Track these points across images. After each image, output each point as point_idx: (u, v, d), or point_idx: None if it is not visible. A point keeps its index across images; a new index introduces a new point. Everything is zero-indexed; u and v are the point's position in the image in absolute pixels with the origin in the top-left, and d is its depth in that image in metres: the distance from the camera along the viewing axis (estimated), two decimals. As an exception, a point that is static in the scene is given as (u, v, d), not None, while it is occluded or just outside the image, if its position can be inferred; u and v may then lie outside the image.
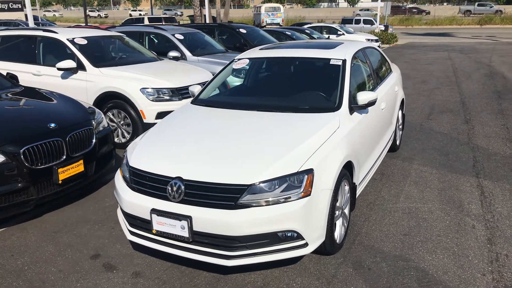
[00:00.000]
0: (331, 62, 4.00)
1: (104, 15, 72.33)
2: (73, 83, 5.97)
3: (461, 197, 4.20)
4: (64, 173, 3.90)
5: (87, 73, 5.91)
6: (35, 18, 22.04)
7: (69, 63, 5.82)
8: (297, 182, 2.76)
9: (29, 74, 6.19)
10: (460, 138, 6.15)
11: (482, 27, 40.01)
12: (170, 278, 2.99)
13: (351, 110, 3.62)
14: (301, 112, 3.52)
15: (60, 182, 3.87)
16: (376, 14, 28.27)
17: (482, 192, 4.30)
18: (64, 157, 3.93)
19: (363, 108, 3.69)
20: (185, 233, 2.75)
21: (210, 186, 2.74)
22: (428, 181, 4.60)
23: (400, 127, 5.71)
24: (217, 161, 2.88)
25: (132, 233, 3.08)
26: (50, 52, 6.28)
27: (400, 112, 5.48)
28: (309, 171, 2.80)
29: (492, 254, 3.20)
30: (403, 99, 5.63)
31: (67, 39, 6.15)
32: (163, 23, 23.08)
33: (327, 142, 3.09)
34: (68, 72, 5.97)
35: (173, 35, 8.44)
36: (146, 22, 24.18)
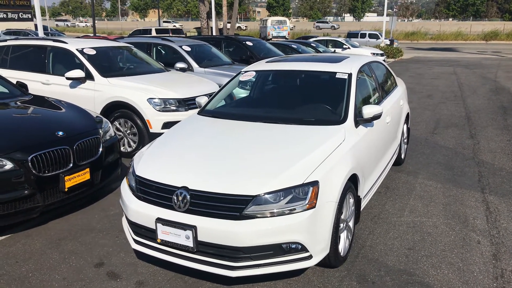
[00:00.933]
0: (337, 76, 4.03)
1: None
2: (81, 92, 6.05)
3: (466, 212, 4.18)
4: (71, 181, 3.93)
5: (95, 83, 5.99)
6: (45, 28, 22.37)
7: (78, 73, 5.90)
8: (302, 194, 2.77)
9: (39, 83, 6.28)
10: (465, 152, 6.14)
11: (488, 42, 40.13)
12: (173, 287, 3.00)
13: (357, 123, 3.65)
14: (307, 124, 3.55)
15: (66, 189, 3.90)
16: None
17: (487, 208, 4.28)
18: (71, 165, 3.96)
19: (369, 121, 3.71)
20: (190, 243, 2.76)
21: (216, 196, 2.76)
22: (433, 196, 4.59)
23: (405, 140, 5.72)
24: (222, 171, 2.90)
25: (136, 241, 3.09)
26: (59, 61, 6.37)
27: (405, 126, 5.50)
28: (314, 183, 2.81)
29: (497, 270, 3.18)
30: (408, 113, 5.65)
31: (77, 49, 6.24)
32: (170, 35, 23.36)
33: (332, 154, 3.11)
34: (76, 82, 6.05)
35: (181, 46, 8.54)
36: (154, 33, 24.49)
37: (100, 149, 4.33)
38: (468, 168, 5.49)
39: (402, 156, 5.54)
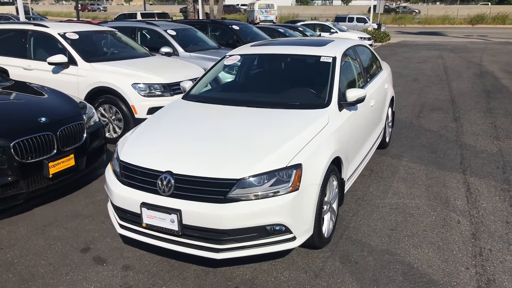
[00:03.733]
0: (321, 60, 4.04)
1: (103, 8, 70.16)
2: (64, 78, 5.95)
3: (448, 193, 4.27)
4: (55, 167, 3.91)
5: (78, 68, 5.90)
6: (26, 12, 21.81)
7: (60, 58, 5.80)
8: (285, 177, 2.81)
9: (20, 68, 6.16)
10: (448, 135, 6.24)
11: (474, 26, 40.36)
12: (159, 271, 3.03)
13: (340, 107, 3.67)
14: (291, 108, 3.56)
15: (50, 176, 3.87)
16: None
17: (468, 189, 4.38)
18: (55, 151, 3.93)
19: (352, 105, 3.74)
20: (175, 227, 2.78)
21: (200, 180, 2.77)
22: (416, 178, 4.68)
23: (390, 124, 5.78)
24: (207, 155, 2.91)
25: (122, 226, 3.11)
26: (41, 46, 6.25)
27: (390, 109, 5.55)
28: (298, 166, 2.84)
29: (476, 249, 3.28)
30: (393, 96, 5.70)
31: (58, 34, 6.12)
32: (156, 19, 22.97)
33: (315, 138, 3.14)
34: (59, 67, 5.95)
35: (166, 30, 8.44)
36: (139, 17, 24.08)
37: (85, 135, 4.30)
38: (451, 150, 5.58)
39: (387, 140, 5.60)
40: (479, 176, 4.70)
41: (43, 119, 3.97)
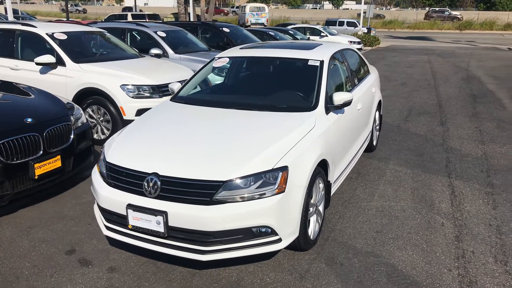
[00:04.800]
0: (309, 63, 4.08)
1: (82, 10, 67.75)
2: (52, 79, 5.91)
3: (433, 196, 4.33)
4: (41, 169, 3.88)
5: (66, 69, 5.86)
6: (15, 11, 21.58)
7: (48, 58, 5.76)
8: (272, 179, 2.83)
9: (7, 68, 6.10)
10: (435, 139, 6.33)
11: (462, 32, 40.93)
12: (145, 273, 3.02)
13: (327, 110, 3.71)
14: (278, 111, 3.59)
15: (36, 177, 3.84)
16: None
17: (452, 192, 4.44)
18: (41, 152, 3.90)
19: (339, 108, 3.77)
20: (161, 228, 2.78)
21: (186, 182, 2.78)
22: (402, 181, 4.73)
23: (377, 127, 5.84)
24: (193, 157, 2.92)
25: (108, 228, 3.09)
26: (29, 46, 6.20)
27: (377, 113, 5.61)
28: (284, 169, 2.86)
29: (459, 251, 3.33)
30: (380, 100, 5.76)
31: (46, 34, 6.08)
32: (147, 20, 22.90)
33: (302, 140, 3.16)
34: (47, 67, 5.91)
35: (155, 32, 8.42)
36: (130, 18, 23.98)
37: (72, 136, 4.27)
38: (437, 154, 5.66)
39: (374, 143, 5.66)
40: (464, 180, 4.77)
41: (29, 119, 3.94)
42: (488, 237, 3.54)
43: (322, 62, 4.05)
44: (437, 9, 58.94)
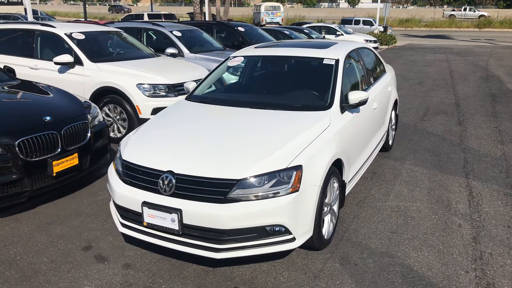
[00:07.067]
0: (324, 62, 4.05)
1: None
2: (70, 78, 6.01)
3: (450, 196, 4.26)
4: (59, 166, 3.95)
5: (84, 68, 5.96)
6: (34, 12, 22.02)
7: (66, 58, 5.86)
8: (286, 178, 2.82)
9: (26, 68, 6.23)
10: (452, 139, 6.22)
11: (481, 30, 40.13)
12: (160, 270, 3.05)
13: (342, 109, 3.68)
14: (293, 110, 3.58)
15: (54, 174, 3.92)
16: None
17: (470, 192, 4.37)
18: (59, 150, 3.97)
19: (354, 107, 3.74)
20: (175, 226, 2.81)
21: (201, 180, 2.80)
22: (418, 181, 4.67)
23: (393, 127, 5.77)
24: (208, 156, 2.93)
25: (123, 225, 3.14)
26: (48, 46, 6.32)
27: (393, 112, 5.55)
28: (298, 168, 2.86)
29: (476, 252, 3.27)
30: (396, 99, 5.70)
31: (65, 34, 6.19)
32: (163, 20, 23.11)
33: (316, 139, 3.15)
34: (65, 67, 6.01)
35: (171, 32, 8.49)
36: (146, 18, 24.22)
37: (89, 134, 4.34)
38: (454, 154, 5.57)
39: (390, 142, 5.60)
40: (482, 180, 4.68)
41: (48, 118, 4.02)
42: (506, 238, 3.47)
43: (337, 60, 4.02)
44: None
